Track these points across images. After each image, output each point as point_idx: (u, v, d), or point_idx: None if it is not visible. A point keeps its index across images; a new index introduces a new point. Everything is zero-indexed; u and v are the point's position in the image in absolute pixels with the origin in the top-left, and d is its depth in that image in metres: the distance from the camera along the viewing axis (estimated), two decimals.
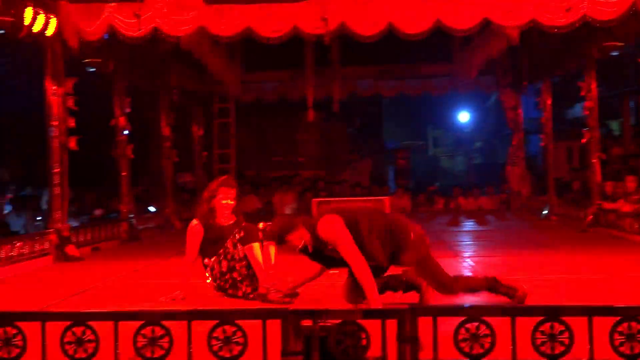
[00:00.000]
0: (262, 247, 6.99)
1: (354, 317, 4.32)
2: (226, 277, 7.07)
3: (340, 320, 4.32)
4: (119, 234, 13.07)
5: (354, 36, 10.57)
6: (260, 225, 7.06)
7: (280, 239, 6.34)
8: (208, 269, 7.18)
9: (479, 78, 17.10)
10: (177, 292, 6.96)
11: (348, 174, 22.78)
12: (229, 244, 7.08)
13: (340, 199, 17.07)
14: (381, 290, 6.42)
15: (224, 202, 7.23)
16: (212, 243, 7.16)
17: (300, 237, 6.28)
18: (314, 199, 16.82)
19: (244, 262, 7.03)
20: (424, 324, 4.30)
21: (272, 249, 6.98)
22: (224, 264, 7.07)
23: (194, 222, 7.24)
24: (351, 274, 6.29)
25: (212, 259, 7.13)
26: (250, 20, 10.38)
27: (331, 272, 6.71)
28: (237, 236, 7.06)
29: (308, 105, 17.06)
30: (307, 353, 4.30)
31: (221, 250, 7.10)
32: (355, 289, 6.31)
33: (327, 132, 23.12)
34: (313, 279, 6.72)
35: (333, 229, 6.20)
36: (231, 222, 7.28)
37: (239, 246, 7.03)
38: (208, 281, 7.16)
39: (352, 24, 10.40)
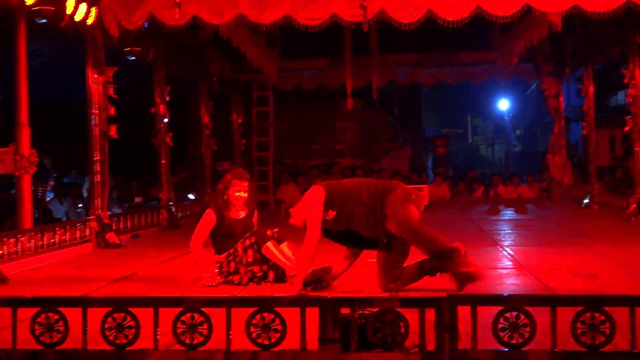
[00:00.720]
0: (276, 246, 7.10)
1: (392, 306, 4.32)
2: (230, 278, 7.20)
3: (378, 309, 4.32)
4: (158, 221, 13.17)
5: (393, 23, 10.52)
6: (269, 232, 7.15)
7: (287, 214, 6.64)
8: (217, 264, 7.30)
9: (519, 65, 16.92)
10: (205, 274, 7.08)
11: (387, 162, 22.73)
12: (239, 247, 7.21)
13: None
14: (419, 275, 6.42)
15: (237, 194, 7.36)
16: (223, 238, 7.29)
17: (299, 209, 6.55)
18: None
19: (251, 268, 7.13)
20: (463, 312, 4.28)
21: (285, 246, 7.15)
22: (232, 265, 7.21)
23: (209, 211, 7.38)
24: (379, 258, 6.36)
25: (222, 256, 7.26)
26: (289, 8, 10.37)
27: (368, 260, 6.72)
28: (248, 242, 7.16)
29: (347, 93, 17.01)
30: (345, 341, 4.31)
31: (231, 250, 7.22)
32: (385, 275, 6.35)
33: (366, 120, 23.08)
34: (346, 269, 6.81)
35: (309, 199, 6.48)
36: (242, 215, 7.41)
37: (250, 252, 7.14)
38: (217, 271, 7.27)
39: (391, 11, 10.35)
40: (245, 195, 7.38)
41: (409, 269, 6.50)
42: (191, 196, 16.85)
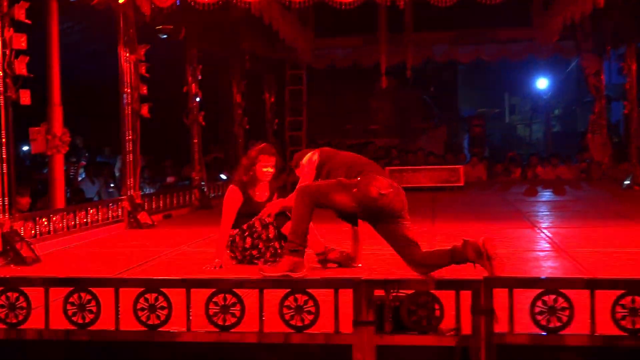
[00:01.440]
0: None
1: (427, 288, 4.31)
2: (246, 253, 7.16)
3: (413, 291, 4.32)
4: (190, 201, 13.24)
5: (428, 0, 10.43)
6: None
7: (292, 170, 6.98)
8: (229, 238, 7.26)
9: (559, 43, 16.74)
10: (216, 260, 7.03)
11: (422, 142, 22.63)
12: (257, 223, 7.14)
13: (414, 167, 17.01)
14: (448, 262, 6.38)
15: (264, 169, 7.30)
16: (244, 218, 7.23)
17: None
18: (386, 168, 16.82)
19: (272, 244, 7.11)
20: (500, 295, 4.26)
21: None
22: (248, 240, 7.15)
23: (233, 188, 7.28)
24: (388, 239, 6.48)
25: (235, 231, 7.21)
26: None
27: None
28: (268, 219, 7.11)
29: (381, 71, 16.94)
30: (379, 323, 4.31)
31: (245, 226, 7.16)
32: (403, 256, 6.42)
33: (401, 100, 22.98)
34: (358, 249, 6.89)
35: (307, 162, 6.76)
36: (265, 198, 7.36)
37: (270, 227, 7.09)
38: (230, 251, 7.26)
39: None
40: (273, 170, 7.34)
41: (437, 253, 6.48)
42: (223, 176, 16.92)
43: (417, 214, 11.27)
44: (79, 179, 15.85)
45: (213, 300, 4.42)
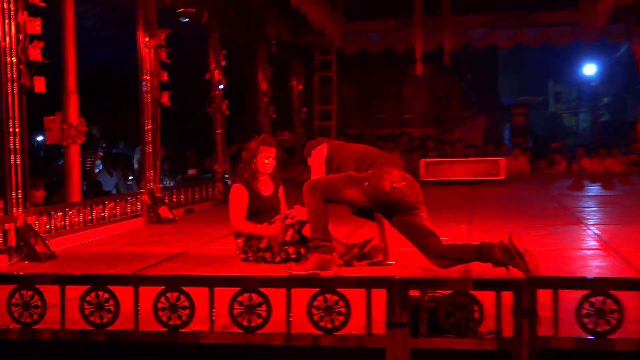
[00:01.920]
0: None
1: (465, 288, 4.30)
2: (259, 254, 7.22)
3: (450, 291, 4.30)
4: (213, 195, 13.29)
5: None
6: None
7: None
8: (241, 238, 7.32)
9: (607, 26, 16.59)
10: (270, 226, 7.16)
11: (460, 132, 22.56)
12: (278, 222, 7.18)
13: (451, 159, 16.96)
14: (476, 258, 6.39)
15: (266, 161, 7.39)
16: (253, 215, 7.32)
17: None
18: (421, 160, 16.79)
19: (286, 247, 7.13)
20: (543, 296, 4.24)
21: None
22: (264, 241, 7.20)
23: (237, 186, 7.41)
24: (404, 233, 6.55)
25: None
26: None
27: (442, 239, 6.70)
28: (289, 221, 7.12)
29: (416, 57, 16.89)
30: (414, 325, 4.31)
31: (266, 224, 7.23)
32: (421, 250, 6.49)
33: (437, 87, 22.91)
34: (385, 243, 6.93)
35: (316, 156, 6.82)
36: (270, 192, 7.46)
37: (290, 231, 7.10)
38: (238, 252, 7.33)
39: None
40: (274, 162, 7.44)
41: (461, 248, 6.49)
42: None
43: (454, 209, 11.27)
44: (96, 171, 15.96)
45: (238, 299, 4.43)
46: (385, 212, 6.61)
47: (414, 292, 4.32)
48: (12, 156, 7.68)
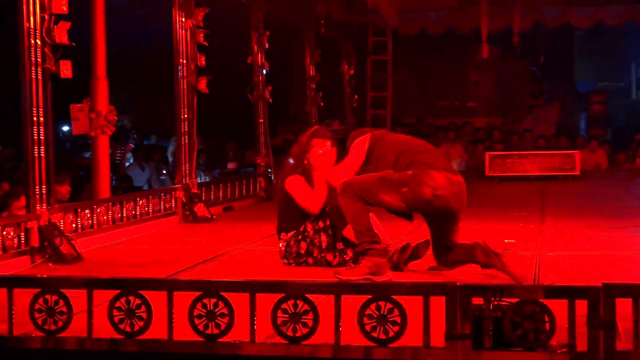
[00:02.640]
0: None
1: (535, 296, 4.28)
2: (301, 260, 7.26)
3: (518, 299, 4.29)
4: (255, 191, 13.34)
5: None
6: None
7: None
8: (283, 242, 7.36)
9: None
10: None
11: (530, 122, 22.39)
12: (309, 227, 7.24)
13: (520, 152, 16.85)
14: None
15: (320, 151, 7.38)
16: (297, 214, 7.34)
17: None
18: (487, 152, 16.71)
19: (324, 254, 7.17)
20: (623, 306, 4.21)
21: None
22: (303, 245, 7.25)
23: (295, 176, 7.42)
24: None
25: (289, 235, 7.33)
26: None
27: (506, 241, 6.68)
28: (321, 223, 7.19)
29: (482, 38, 16.80)
30: (477, 337, 4.30)
31: (302, 228, 7.27)
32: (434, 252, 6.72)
33: (505, 72, 22.75)
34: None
35: (352, 149, 6.84)
36: (326, 190, 7.40)
37: (323, 236, 7.16)
38: (281, 255, 7.38)
39: None
40: (332, 153, 7.42)
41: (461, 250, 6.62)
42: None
43: (523, 208, 11.22)
44: (127, 164, 16.10)
45: (281, 307, 4.45)
46: (422, 213, 6.69)
47: (477, 300, 4.31)
48: (35, 148, 7.76)
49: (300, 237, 7.27)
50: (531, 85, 23.80)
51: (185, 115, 11.05)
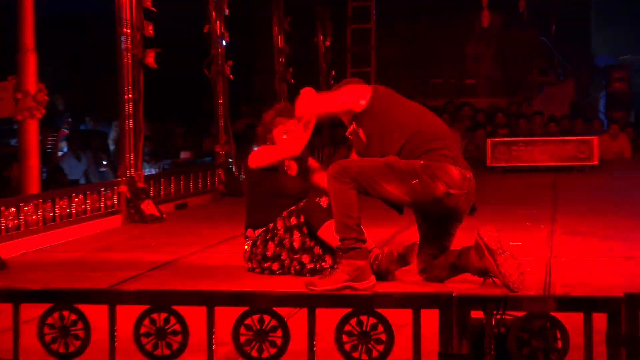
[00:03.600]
0: None
1: (545, 308, 4.30)
2: (266, 265, 7.24)
3: (525, 312, 4.31)
4: (213, 185, 13.32)
5: None
6: (324, 202, 7.10)
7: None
8: (249, 241, 7.35)
9: None
10: None
11: (539, 102, 22.49)
12: (279, 224, 7.21)
13: (528, 138, 16.91)
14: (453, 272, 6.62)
15: (284, 136, 7.43)
16: (266, 201, 7.33)
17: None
18: (488, 139, 16.76)
19: (298, 256, 7.16)
20: None
21: None
22: (270, 246, 7.23)
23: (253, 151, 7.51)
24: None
25: (257, 232, 7.31)
26: None
27: (510, 243, 6.72)
28: (294, 220, 7.15)
29: (482, 4, 16.85)
30: (477, 357, 4.32)
31: (271, 225, 7.24)
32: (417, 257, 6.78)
33: (509, 44, 22.85)
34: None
35: (346, 89, 6.99)
36: (296, 172, 7.49)
37: (295, 234, 7.12)
38: (247, 260, 7.36)
39: None
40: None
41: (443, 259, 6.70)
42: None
43: (532, 205, 11.28)
44: (60, 154, 16.06)
45: (245, 322, 4.46)
46: (420, 210, 6.70)
47: (476, 314, 4.33)
48: None
49: (269, 235, 7.23)
50: (541, 59, 23.89)
51: (130, 95, 11.01)
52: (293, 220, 7.16)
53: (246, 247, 7.38)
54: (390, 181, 6.39)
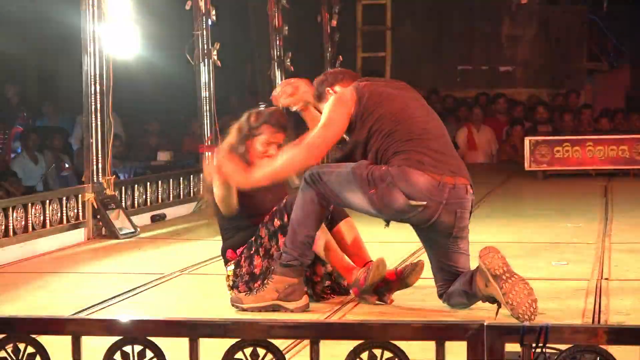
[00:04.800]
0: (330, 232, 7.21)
1: (594, 340, 4.33)
2: (256, 285, 7.14)
3: (570, 345, 4.34)
4: (195, 193, 13.35)
5: None
6: None
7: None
8: (230, 264, 7.33)
9: None
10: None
11: (588, 94, 22.49)
12: (262, 231, 7.20)
13: (575, 137, 16.91)
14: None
15: (269, 148, 7.35)
16: (247, 213, 7.32)
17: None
18: (527, 138, 16.76)
19: None
20: None
21: (346, 227, 7.26)
22: (257, 261, 7.20)
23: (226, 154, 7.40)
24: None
25: (239, 251, 7.30)
26: None
27: (553, 264, 6.74)
28: (277, 222, 7.14)
29: None
30: None
31: (253, 239, 7.23)
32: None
33: (552, 24, 22.87)
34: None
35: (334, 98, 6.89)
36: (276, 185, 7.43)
37: (281, 237, 7.07)
38: (228, 291, 7.34)
39: None
40: (276, 153, 7.26)
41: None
42: None
43: (579, 217, 11.27)
44: (12, 155, 16.10)
45: (234, 357, 4.50)
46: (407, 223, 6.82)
47: (512, 347, 4.36)
48: None
49: (253, 249, 7.21)
50: (590, 42, 23.90)
51: (97, 86, 11.05)
52: (277, 223, 7.14)
53: (228, 272, 7.32)
54: (351, 190, 6.54)
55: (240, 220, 7.36)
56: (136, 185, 12.19)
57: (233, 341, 4.53)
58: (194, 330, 4.61)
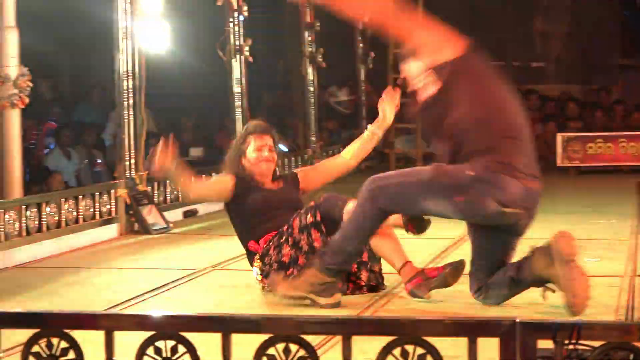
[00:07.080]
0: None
1: (627, 338, 4.31)
2: (288, 271, 7.19)
3: (604, 342, 4.32)
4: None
5: None
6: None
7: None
8: (256, 258, 7.41)
9: None
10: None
11: (621, 90, 22.39)
12: (294, 222, 7.27)
13: (608, 133, 16.84)
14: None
15: (263, 154, 7.59)
16: (261, 216, 7.47)
17: None
18: (559, 134, 16.71)
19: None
20: None
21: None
22: (286, 250, 7.25)
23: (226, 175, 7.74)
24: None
25: (264, 239, 7.39)
26: None
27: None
28: (310, 217, 7.21)
29: None
30: None
31: (285, 227, 7.30)
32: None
33: (585, 18, 22.79)
34: None
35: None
36: (278, 185, 7.69)
37: (314, 233, 7.17)
38: (258, 278, 7.43)
39: None
40: (273, 157, 7.65)
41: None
42: (283, 147, 17.04)
43: (612, 214, 11.23)
44: (46, 151, 16.12)
45: (267, 352, 4.49)
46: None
47: (544, 343, 4.34)
48: None
49: (283, 238, 7.28)
50: (624, 37, 23.80)
51: (130, 82, 11.06)
52: (310, 218, 7.21)
53: (256, 263, 7.42)
54: (431, 198, 6.45)
55: (253, 216, 7.54)
56: (168, 181, 12.18)
57: (265, 337, 4.53)
58: (226, 326, 4.60)
